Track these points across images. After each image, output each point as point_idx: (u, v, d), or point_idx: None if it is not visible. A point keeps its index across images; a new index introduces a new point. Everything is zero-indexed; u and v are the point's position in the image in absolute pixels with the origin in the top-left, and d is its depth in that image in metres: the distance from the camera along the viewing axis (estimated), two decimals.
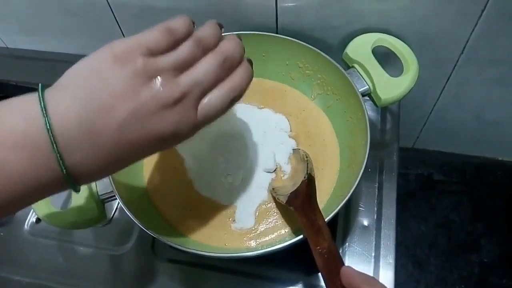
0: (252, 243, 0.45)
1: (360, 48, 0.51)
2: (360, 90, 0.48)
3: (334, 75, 0.50)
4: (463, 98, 0.63)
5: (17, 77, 0.65)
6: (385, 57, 0.51)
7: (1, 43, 0.71)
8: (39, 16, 0.64)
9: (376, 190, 0.51)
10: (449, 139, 0.73)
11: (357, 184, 0.41)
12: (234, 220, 0.46)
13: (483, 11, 0.48)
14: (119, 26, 0.61)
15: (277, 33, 0.55)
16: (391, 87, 0.48)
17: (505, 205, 0.75)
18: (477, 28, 0.51)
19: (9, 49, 0.71)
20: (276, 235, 0.45)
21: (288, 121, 0.53)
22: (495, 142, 0.71)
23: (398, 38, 0.51)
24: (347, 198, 0.40)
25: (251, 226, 0.46)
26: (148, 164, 0.51)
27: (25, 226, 0.53)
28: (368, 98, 0.50)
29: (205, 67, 0.30)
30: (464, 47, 0.54)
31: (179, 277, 0.48)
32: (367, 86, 0.49)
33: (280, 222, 0.46)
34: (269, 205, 0.47)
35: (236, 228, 0.46)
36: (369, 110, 0.54)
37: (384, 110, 0.58)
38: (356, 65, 0.50)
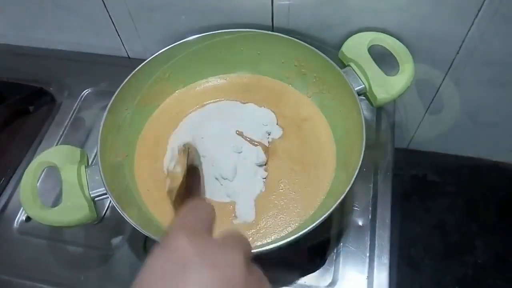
0: (251, 240, 0.44)
1: (356, 47, 0.51)
2: (356, 89, 0.48)
3: (330, 73, 0.50)
4: (458, 99, 0.63)
5: (9, 74, 0.64)
6: (381, 56, 0.51)
7: None
8: (31, 11, 0.63)
9: (371, 190, 0.51)
10: (444, 140, 0.73)
11: (352, 184, 0.40)
12: (235, 216, 0.46)
13: (479, 11, 0.48)
14: (112, 23, 0.60)
15: (272, 31, 0.55)
16: (387, 86, 0.48)
17: (500, 206, 0.75)
18: (473, 29, 0.51)
19: (0, 45, 0.70)
20: (277, 231, 0.45)
21: (274, 113, 0.53)
22: (490, 143, 0.71)
23: (395, 37, 0.51)
24: (342, 197, 0.40)
25: (253, 219, 0.46)
26: (140, 165, 0.51)
27: (15, 224, 0.52)
28: (363, 97, 0.50)
29: None
30: (460, 48, 0.54)
31: None
32: (363, 85, 0.49)
33: (281, 215, 0.46)
34: (267, 197, 0.47)
35: (239, 223, 0.46)
36: (364, 110, 0.54)
37: (379, 110, 0.58)
38: (352, 64, 0.50)
